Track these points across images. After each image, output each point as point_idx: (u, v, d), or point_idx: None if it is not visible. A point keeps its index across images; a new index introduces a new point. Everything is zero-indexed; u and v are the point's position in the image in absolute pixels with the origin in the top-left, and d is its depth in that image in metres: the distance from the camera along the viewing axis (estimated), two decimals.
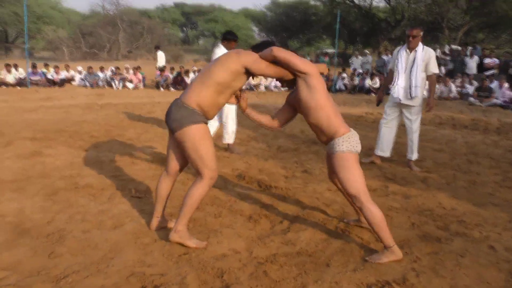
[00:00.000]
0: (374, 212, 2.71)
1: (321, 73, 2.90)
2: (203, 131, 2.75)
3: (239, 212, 3.50)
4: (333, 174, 3.16)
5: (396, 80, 4.92)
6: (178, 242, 2.83)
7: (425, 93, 5.20)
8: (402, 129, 5.27)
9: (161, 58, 16.00)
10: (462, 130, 7.68)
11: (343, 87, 15.18)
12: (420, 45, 4.83)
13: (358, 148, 2.84)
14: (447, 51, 16.88)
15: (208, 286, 2.39)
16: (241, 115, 4.17)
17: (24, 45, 16.53)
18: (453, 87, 13.16)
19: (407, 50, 4.88)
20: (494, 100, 11.62)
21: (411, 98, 4.86)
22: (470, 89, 12.84)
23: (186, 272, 2.50)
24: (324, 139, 2.90)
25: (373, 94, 14.19)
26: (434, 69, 4.85)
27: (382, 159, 5.31)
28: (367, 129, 7.52)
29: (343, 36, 31.15)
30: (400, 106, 5.03)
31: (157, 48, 16.81)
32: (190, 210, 2.79)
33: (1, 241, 2.84)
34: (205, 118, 2.80)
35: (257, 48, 2.90)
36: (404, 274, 2.57)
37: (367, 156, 5.41)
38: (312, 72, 2.76)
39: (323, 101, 2.78)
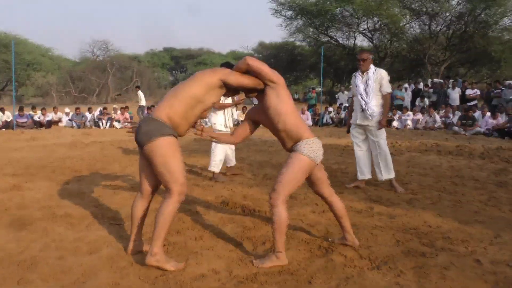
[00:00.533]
0: (283, 215, 2.76)
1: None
2: (173, 144, 2.70)
3: (221, 235, 3.41)
4: (317, 186, 3.10)
5: (362, 102, 5.01)
6: (155, 266, 2.71)
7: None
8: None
9: (141, 97, 16.65)
10: (447, 156, 7.72)
11: (330, 121, 15.36)
12: (372, 67, 5.00)
13: (317, 155, 2.86)
14: (429, 84, 17.33)
15: None
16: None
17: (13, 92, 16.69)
18: (437, 117, 13.38)
19: (361, 74, 5.04)
20: (477, 129, 11.81)
21: (369, 118, 4.95)
22: (454, 119, 13.08)
23: None
24: (290, 145, 2.94)
25: None
26: (387, 88, 4.96)
27: (367, 182, 5.29)
28: (353, 157, 7.51)
29: (329, 74, 31.86)
30: (362, 128, 5.11)
31: (138, 88, 17.62)
32: (163, 229, 2.69)
33: None
34: (175, 132, 2.75)
35: (225, 66, 3.00)
36: None
37: (352, 181, 5.41)
38: (281, 83, 2.90)
39: (291, 108, 2.91)
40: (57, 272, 2.69)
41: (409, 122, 13.65)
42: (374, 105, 4.91)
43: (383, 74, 4.96)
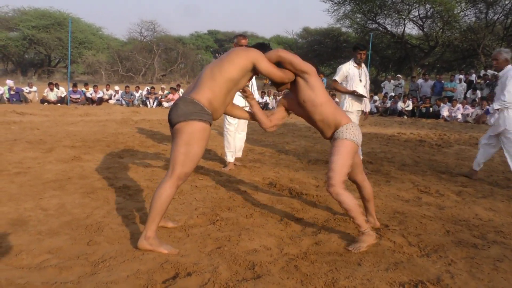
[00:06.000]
0: (350, 199, 2.85)
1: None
2: (206, 131, 2.67)
3: (270, 215, 3.52)
4: (353, 170, 3.17)
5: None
6: (148, 250, 2.65)
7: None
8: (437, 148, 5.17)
9: None
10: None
11: (374, 110, 15.10)
12: None
13: (359, 138, 2.97)
14: (482, 76, 16.58)
15: (239, 276, 2.41)
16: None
17: (65, 69, 17.50)
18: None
19: None
20: None
21: None
22: None
23: (218, 262, 2.54)
24: (330, 133, 3.03)
25: (405, 117, 14.04)
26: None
27: (416, 173, 5.25)
28: (400, 147, 7.44)
29: (374, 62, 31.09)
30: None
31: None
32: (160, 213, 2.65)
33: (43, 230, 2.98)
34: (212, 118, 2.73)
35: (259, 48, 2.93)
36: (438, 276, 2.51)
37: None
38: (312, 72, 2.92)
39: (326, 98, 2.97)
40: (121, 236, 2.90)
41: (459, 115, 13.18)
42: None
43: None
